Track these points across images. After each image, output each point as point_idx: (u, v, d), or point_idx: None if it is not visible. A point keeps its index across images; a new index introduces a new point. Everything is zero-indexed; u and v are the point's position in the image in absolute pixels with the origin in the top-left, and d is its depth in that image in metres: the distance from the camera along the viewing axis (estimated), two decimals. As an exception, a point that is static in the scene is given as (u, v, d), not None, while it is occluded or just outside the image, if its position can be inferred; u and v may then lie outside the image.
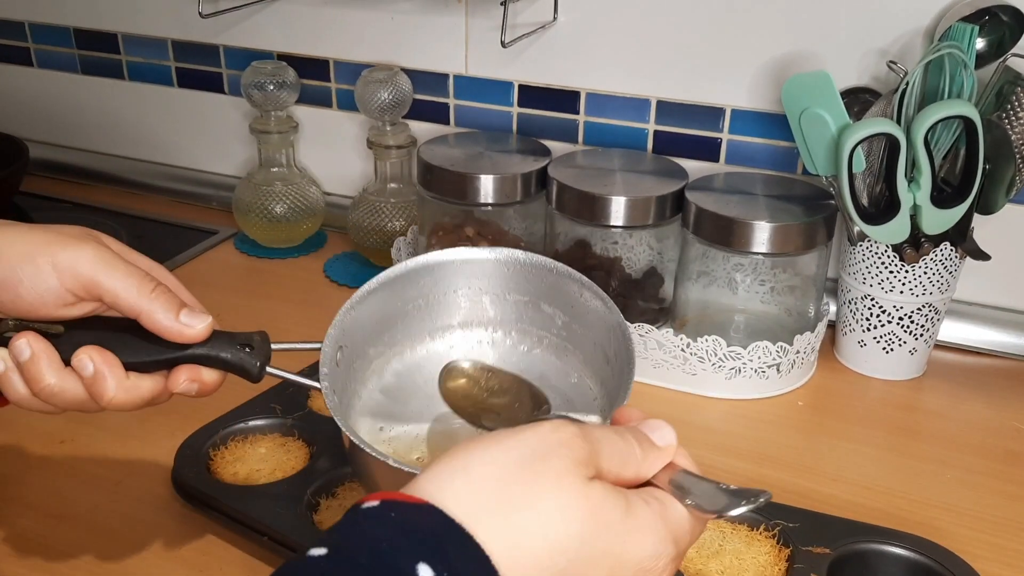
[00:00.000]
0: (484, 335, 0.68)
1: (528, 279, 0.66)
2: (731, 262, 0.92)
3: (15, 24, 1.33)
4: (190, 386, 0.56)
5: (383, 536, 0.37)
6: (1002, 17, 0.84)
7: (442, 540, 0.37)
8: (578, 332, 0.65)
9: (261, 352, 0.58)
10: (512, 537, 0.38)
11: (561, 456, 0.41)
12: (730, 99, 1.00)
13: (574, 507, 0.40)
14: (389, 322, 0.66)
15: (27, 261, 0.53)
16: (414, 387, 0.66)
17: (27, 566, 0.67)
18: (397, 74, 1.08)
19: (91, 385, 0.53)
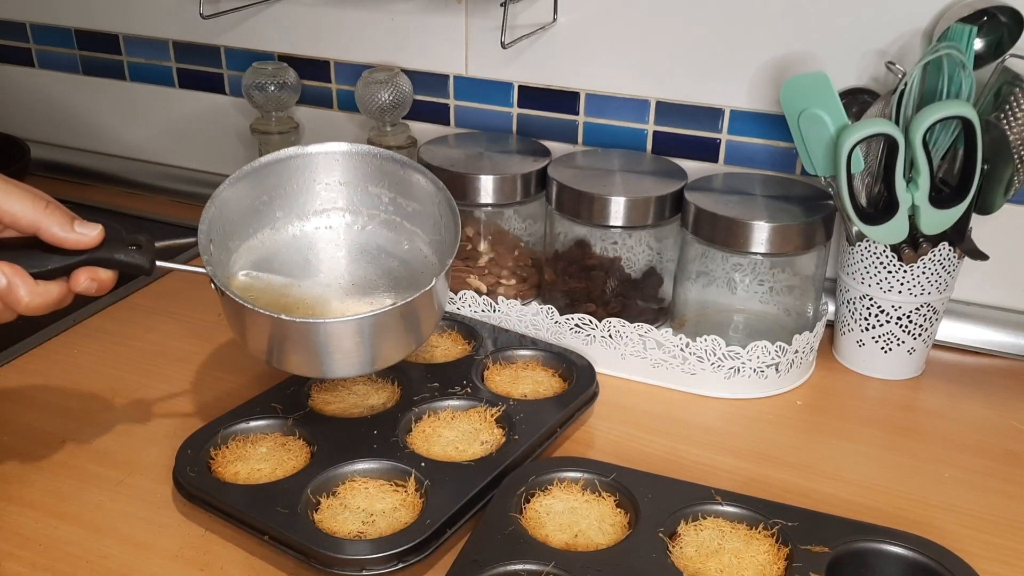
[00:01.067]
0: (325, 220, 0.83)
1: (356, 166, 0.81)
2: (730, 262, 0.92)
3: (16, 24, 1.33)
4: (90, 284, 0.64)
5: None
6: (1000, 18, 0.85)
7: None
8: (404, 206, 0.81)
9: (148, 250, 0.66)
10: None
11: None
12: (729, 100, 1.00)
13: None
14: (244, 217, 0.79)
15: None
16: (270, 270, 0.79)
17: (29, 565, 0.67)
18: (397, 75, 1.08)
19: (5, 295, 0.61)
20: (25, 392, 0.87)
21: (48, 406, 0.85)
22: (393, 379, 0.85)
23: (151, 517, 0.72)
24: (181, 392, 0.88)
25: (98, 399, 0.86)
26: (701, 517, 0.69)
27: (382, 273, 0.81)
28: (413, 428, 0.78)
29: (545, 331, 0.94)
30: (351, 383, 0.85)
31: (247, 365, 0.91)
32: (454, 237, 0.75)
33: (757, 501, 0.70)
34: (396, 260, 0.81)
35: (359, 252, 0.82)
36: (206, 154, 1.29)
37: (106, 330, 0.98)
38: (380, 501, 0.70)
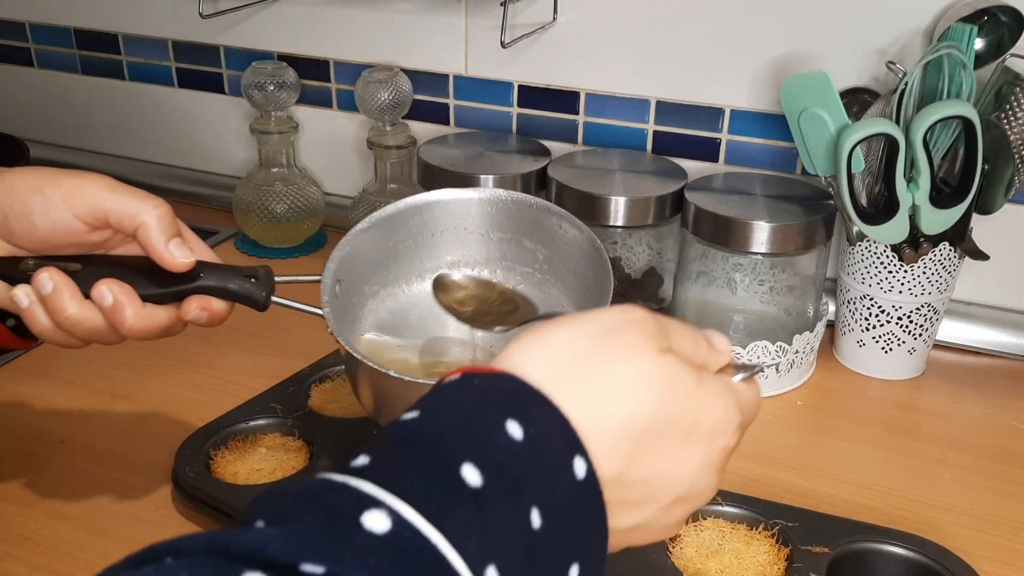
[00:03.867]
0: (471, 274, 0.73)
1: (510, 216, 0.71)
2: (730, 262, 0.92)
3: (15, 24, 1.33)
4: (200, 314, 0.60)
5: (469, 397, 0.38)
6: (1001, 17, 0.84)
7: (525, 401, 0.38)
8: (558, 264, 0.71)
9: (266, 284, 0.62)
10: (590, 400, 0.39)
11: (634, 331, 0.42)
12: (729, 99, 1.00)
13: (651, 371, 0.41)
14: (382, 261, 0.71)
15: (36, 192, 0.57)
16: (407, 324, 0.71)
17: (28, 565, 0.67)
18: (397, 74, 1.08)
19: (111, 315, 0.57)
20: (25, 392, 0.87)
21: (48, 406, 0.85)
22: (393, 379, 0.84)
23: (150, 517, 0.72)
24: (181, 392, 0.88)
25: (98, 399, 0.86)
26: (701, 517, 0.69)
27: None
28: (413, 428, 0.78)
29: (545, 331, 0.93)
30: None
31: (247, 365, 0.91)
32: (605, 303, 0.63)
33: (757, 501, 0.70)
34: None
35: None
36: (205, 154, 1.29)
37: (105, 330, 0.98)
38: (380, 501, 0.70)
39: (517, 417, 0.37)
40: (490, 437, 0.36)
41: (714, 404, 0.43)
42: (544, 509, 0.36)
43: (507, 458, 0.36)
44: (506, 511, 0.35)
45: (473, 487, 0.34)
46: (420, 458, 0.35)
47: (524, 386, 0.38)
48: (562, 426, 0.38)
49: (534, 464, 0.36)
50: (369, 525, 0.32)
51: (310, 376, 0.84)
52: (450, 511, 0.33)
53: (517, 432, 0.36)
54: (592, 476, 0.38)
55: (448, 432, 0.36)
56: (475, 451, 0.35)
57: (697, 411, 0.42)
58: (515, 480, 0.35)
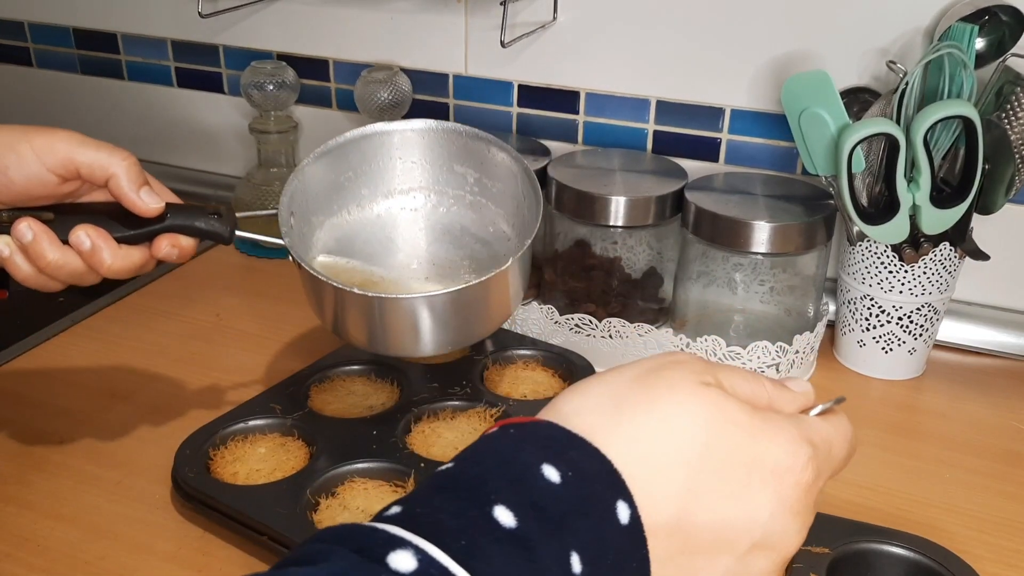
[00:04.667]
0: (408, 201, 0.81)
1: (441, 144, 0.79)
2: (730, 262, 0.92)
3: (15, 24, 1.33)
4: (171, 251, 0.65)
5: (505, 444, 0.37)
6: (1002, 17, 0.84)
7: (563, 446, 0.37)
8: (489, 186, 0.79)
9: (228, 220, 0.67)
10: (631, 440, 0.37)
11: (676, 369, 0.40)
12: (730, 99, 1.00)
13: (693, 403, 0.39)
14: (327, 193, 0.77)
15: (9, 149, 0.61)
16: (354, 249, 0.78)
17: (27, 566, 0.67)
18: (397, 74, 1.08)
19: (89, 257, 0.61)
20: (23, 392, 0.87)
21: (46, 406, 0.85)
22: (392, 379, 0.85)
23: (149, 518, 0.72)
24: (180, 392, 0.87)
25: (97, 399, 0.86)
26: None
27: (464, 255, 0.79)
28: (412, 429, 0.78)
29: (545, 331, 0.93)
30: (350, 383, 0.85)
31: (246, 365, 0.91)
32: (535, 217, 0.72)
33: (758, 502, 0.70)
34: (479, 242, 0.79)
35: (442, 233, 0.80)
36: (204, 153, 1.29)
37: (105, 330, 0.98)
38: (379, 502, 0.70)
39: (554, 460, 0.36)
40: (526, 479, 0.35)
41: (773, 436, 0.40)
42: (585, 555, 0.34)
43: (543, 500, 0.35)
44: (543, 554, 0.33)
45: (507, 528, 0.33)
46: (451, 502, 0.34)
47: (562, 431, 0.37)
48: (604, 467, 0.36)
49: (573, 507, 0.35)
50: (395, 564, 0.31)
51: (310, 376, 0.84)
52: (481, 552, 0.33)
53: (554, 475, 0.35)
54: (636, 520, 0.36)
55: (482, 477, 0.35)
56: (509, 493, 0.34)
57: (755, 445, 0.39)
58: (552, 523, 0.34)
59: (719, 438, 0.38)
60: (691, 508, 0.37)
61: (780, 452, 0.39)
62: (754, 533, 0.38)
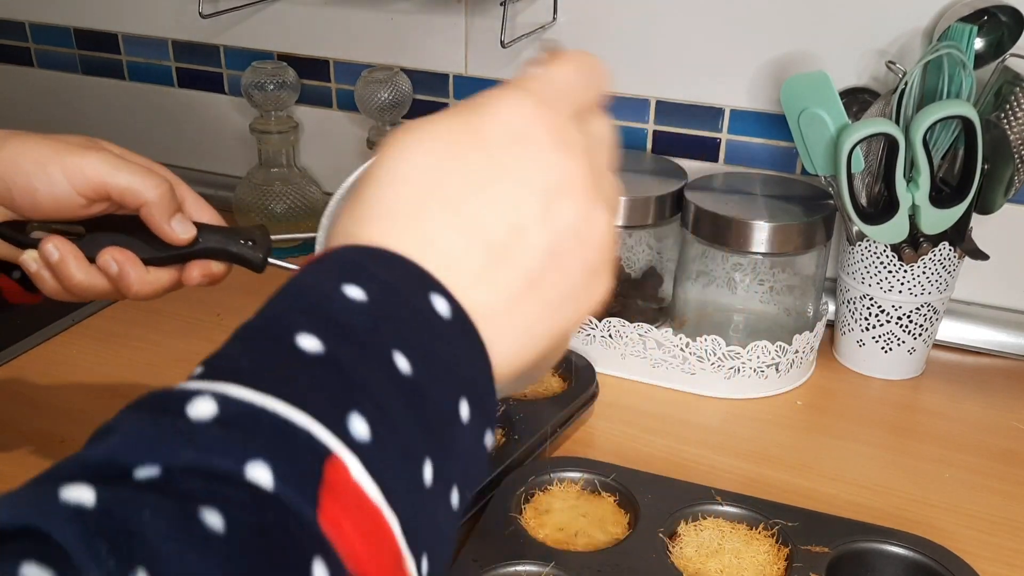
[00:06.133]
0: None
1: None
2: (730, 262, 0.92)
3: (15, 24, 1.33)
4: (202, 279, 0.62)
5: (300, 280, 0.34)
6: (1001, 17, 0.84)
7: (359, 263, 0.33)
8: None
9: (262, 245, 0.63)
10: (425, 236, 0.34)
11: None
12: (729, 99, 1.00)
13: (411, 153, 0.36)
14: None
15: (39, 169, 0.58)
16: None
17: (27, 565, 0.67)
18: (397, 74, 1.08)
19: (116, 281, 0.59)
20: (24, 392, 0.87)
21: (47, 406, 0.85)
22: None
23: (150, 517, 0.72)
24: (180, 392, 0.87)
25: (98, 399, 0.86)
26: (701, 517, 0.69)
27: None
28: (413, 428, 0.78)
29: (545, 331, 0.93)
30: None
31: (247, 365, 0.91)
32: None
33: (757, 501, 0.70)
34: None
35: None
36: (205, 154, 1.29)
37: (106, 330, 0.98)
38: (380, 501, 0.70)
39: (355, 279, 0.32)
40: (325, 303, 0.32)
41: (488, 102, 0.36)
42: (410, 352, 0.31)
43: (351, 319, 0.31)
44: (359, 365, 0.31)
45: (313, 353, 0.30)
46: (250, 344, 0.31)
47: (354, 249, 0.34)
48: (408, 270, 0.33)
49: (385, 314, 0.32)
50: (195, 414, 0.28)
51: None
52: (286, 379, 0.29)
53: (357, 293, 0.32)
54: (459, 312, 0.33)
55: (279, 314, 0.32)
56: (308, 319, 0.31)
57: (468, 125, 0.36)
58: (364, 335, 0.31)
59: (460, 161, 0.35)
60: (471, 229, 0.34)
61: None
62: (531, 186, 0.35)
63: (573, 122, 0.39)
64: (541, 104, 0.37)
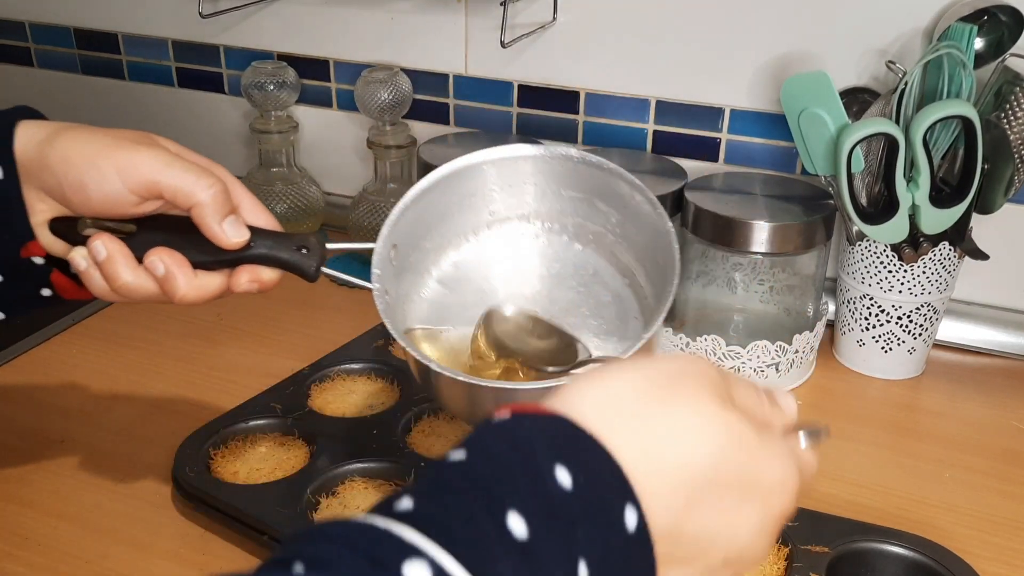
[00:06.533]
0: (539, 228, 0.69)
1: (581, 176, 0.66)
2: (730, 262, 0.92)
3: (15, 24, 1.33)
4: (250, 285, 0.60)
5: (519, 440, 0.36)
6: (1001, 17, 0.84)
7: (576, 445, 0.36)
8: (631, 232, 0.66)
9: (317, 253, 0.60)
10: (647, 446, 0.37)
11: (698, 380, 0.40)
12: (729, 99, 1.00)
13: (711, 422, 0.39)
14: (445, 216, 0.67)
15: (91, 166, 0.56)
16: (473, 276, 0.68)
17: (27, 566, 0.67)
18: (397, 74, 1.08)
19: (163, 283, 0.57)
20: (25, 392, 0.87)
21: (48, 406, 0.85)
22: (392, 379, 0.85)
23: (150, 517, 0.72)
24: (181, 392, 0.88)
25: (98, 399, 0.86)
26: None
27: (591, 305, 0.68)
28: (412, 428, 0.78)
29: (545, 331, 0.93)
30: (351, 383, 0.85)
31: (247, 365, 0.91)
32: (670, 287, 0.60)
33: (757, 501, 0.70)
34: (610, 294, 0.68)
35: (571, 273, 0.69)
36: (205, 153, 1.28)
37: (106, 330, 0.98)
38: (380, 501, 0.70)
39: (567, 462, 0.35)
40: (538, 482, 0.34)
41: (773, 463, 0.40)
42: (592, 563, 0.34)
43: (555, 508, 0.34)
44: (553, 565, 0.33)
45: (519, 539, 0.33)
46: (465, 505, 0.34)
47: (576, 429, 0.36)
48: (614, 473, 0.36)
49: (583, 514, 0.34)
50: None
51: (310, 376, 0.84)
52: (494, 564, 0.32)
53: (566, 480, 0.35)
54: (643, 528, 0.36)
55: (494, 478, 0.35)
56: (521, 499, 0.34)
57: (758, 469, 0.40)
58: (563, 531, 0.34)
59: (731, 459, 0.39)
60: (687, 520, 0.38)
61: (775, 477, 0.40)
62: (731, 550, 0.39)
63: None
64: (794, 499, 0.42)
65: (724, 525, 0.39)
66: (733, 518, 0.39)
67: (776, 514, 0.41)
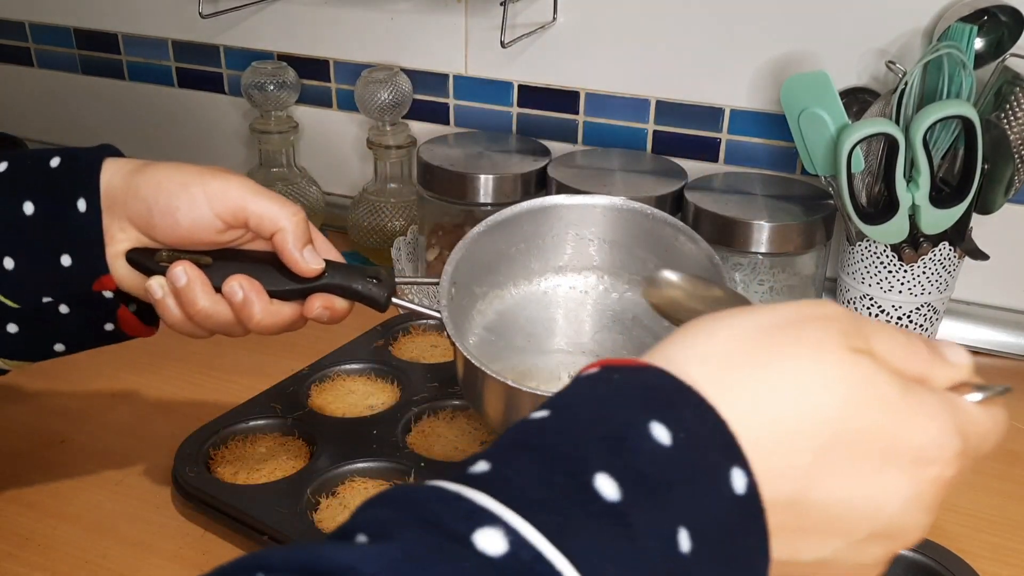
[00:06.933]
0: (579, 281, 0.73)
1: (625, 225, 0.70)
2: (730, 262, 0.92)
3: (15, 24, 1.33)
4: (323, 312, 0.61)
5: (606, 394, 0.32)
6: (1001, 17, 0.84)
7: (673, 401, 0.32)
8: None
9: (387, 285, 0.63)
10: (758, 401, 0.33)
11: (822, 325, 0.35)
12: (729, 99, 1.00)
13: (836, 371, 0.34)
14: (494, 263, 0.71)
15: (183, 190, 0.58)
16: (516, 326, 0.71)
17: (29, 565, 0.67)
18: (397, 74, 1.08)
19: (240, 310, 0.59)
20: (24, 392, 0.87)
21: (47, 406, 0.85)
22: (393, 379, 0.85)
23: (150, 517, 0.72)
24: (181, 392, 0.88)
25: (97, 399, 0.86)
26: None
27: (632, 349, 0.71)
28: (413, 428, 0.78)
29: (545, 331, 0.93)
30: (351, 383, 0.85)
31: (247, 365, 0.91)
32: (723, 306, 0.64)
33: (757, 501, 0.70)
34: (651, 336, 0.70)
35: (612, 320, 0.72)
36: (205, 154, 1.29)
37: (105, 330, 0.98)
38: (380, 501, 0.70)
39: (664, 418, 0.31)
40: (630, 441, 0.31)
41: (923, 421, 0.35)
42: (694, 530, 0.30)
43: (651, 467, 0.30)
44: (649, 532, 0.29)
45: (608, 501, 0.29)
46: (546, 465, 0.30)
47: (674, 381, 0.33)
48: (720, 432, 0.32)
49: (683, 476, 0.31)
50: (482, 546, 0.27)
51: (310, 376, 0.84)
52: (579, 531, 0.28)
53: (664, 436, 0.31)
54: (754, 492, 0.32)
55: (580, 434, 0.31)
56: (612, 457, 0.30)
57: (899, 427, 0.34)
58: (660, 495, 0.30)
59: (860, 415, 0.34)
60: (812, 486, 0.33)
61: (927, 441, 0.35)
62: (877, 522, 0.35)
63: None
64: (961, 468, 0.37)
65: (862, 493, 0.34)
66: (874, 485, 0.34)
67: (930, 480, 0.35)
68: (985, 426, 0.38)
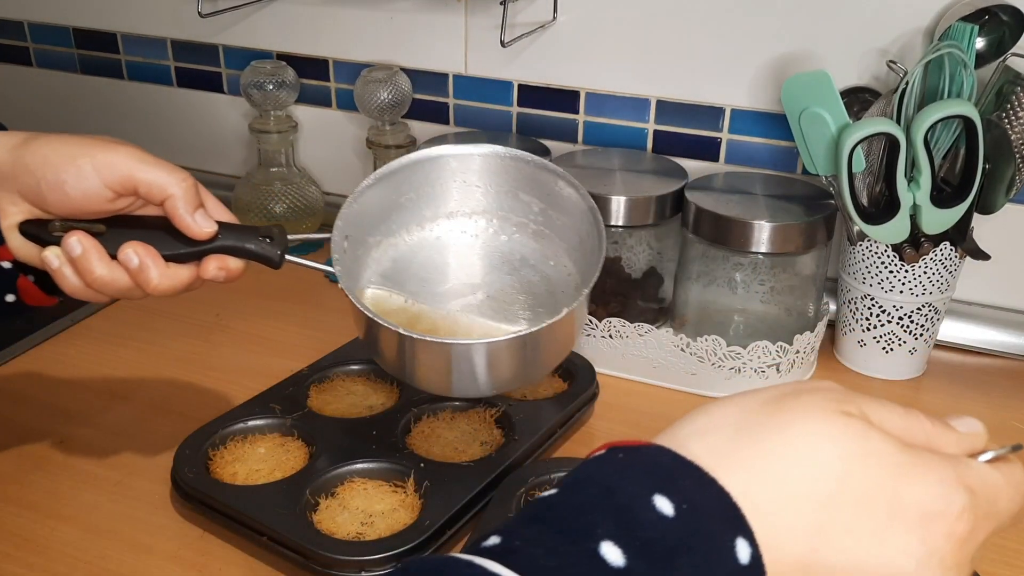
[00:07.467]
0: (469, 225, 0.76)
1: (507, 171, 0.74)
2: (731, 262, 0.92)
3: (15, 24, 1.33)
4: (218, 273, 0.63)
5: (611, 470, 0.34)
6: (1002, 17, 0.84)
7: (674, 474, 0.33)
8: (554, 218, 0.74)
9: (280, 243, 0.65)
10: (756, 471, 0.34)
11: (813, 393, 0.36)
12: (730, 99, 1.00)
13: (828, 430, 0.35)
14: (385, 214, 0.74)
15: (70, 163, 0.59)
16: (408, 273, 0.74)
17: (27, 566, 0.67)
18: (396, 74, 1.08)
19: (136, 275, 0.60)
20: (24, 392, 0.87)
21: (47, 406, 0.85)
22: (392, 380, 0.84)
23: (149, 518, 0.72)
24: (180, 392, 0.87)
25: (97, 399, 0.86)
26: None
27: (521, 288, 0.74)
28: (412, 428, 0.78)
29: (545, 331, 0.93)
30: (351, 383, 0.85)
31: (246, 365, 0.91)
32: (597, 259, 0.67)
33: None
34: (538, 275, 0.74)
35: (501, 261, 0.76)
36: (204, 153, 1.29)
37: (105, 330, 0.98)
38: (379, 502, 0.70)
39: (666, 490, 0.32)
40: (635, 511, 0.32)
41: (923, 473, 0.35)
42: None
43: (654, 535, 0.31)
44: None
45: (614, 567, 0.30)
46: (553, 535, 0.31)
47: (675, 457, 0.34)
48: (721, 501, 0.33)
49: (687, 544, 0.31)
50: None
51: (310, 376, 0.84)
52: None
53: (667, 507, 0.32)
54: (758, 562, 0.32)
55: (586, 507, 0.32)
56: (616, 527, 0.31)
57: (899, 481, 0.34)
58: (664, 562, 0.31)
59: (857, 472, 0.34)
60: (821, 548, 0.33)
61: (929, 495, 0.35)
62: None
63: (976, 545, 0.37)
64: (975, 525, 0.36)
65: (872, 551, 0.34)
66: (884, 544, 0.34)
67: (943, 536, 0.35)
68: (996, 483, 0.37)
